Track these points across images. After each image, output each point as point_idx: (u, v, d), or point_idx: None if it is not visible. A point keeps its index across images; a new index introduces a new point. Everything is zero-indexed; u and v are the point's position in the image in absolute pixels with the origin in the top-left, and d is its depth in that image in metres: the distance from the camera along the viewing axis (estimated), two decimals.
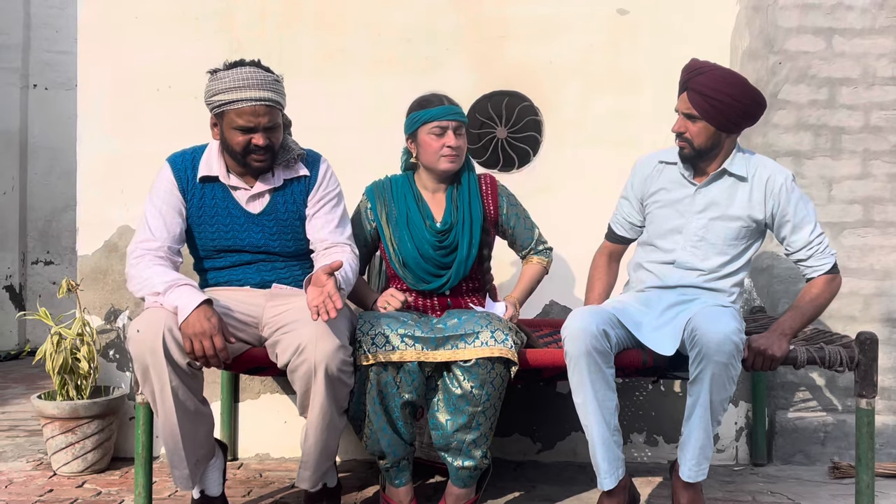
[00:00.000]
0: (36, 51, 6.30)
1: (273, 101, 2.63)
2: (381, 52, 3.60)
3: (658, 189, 2.89)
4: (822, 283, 2.75)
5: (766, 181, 2.77)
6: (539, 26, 3.61)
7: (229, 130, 2.64)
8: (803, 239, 2.75)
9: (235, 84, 2.59)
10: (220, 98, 2.61)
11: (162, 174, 2.75)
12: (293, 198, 2.78)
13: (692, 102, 2.70)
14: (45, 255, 6.38)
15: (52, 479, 3.26)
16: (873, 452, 2.68)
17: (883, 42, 3.51)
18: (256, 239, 2.75)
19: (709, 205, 2.80)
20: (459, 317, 2.69)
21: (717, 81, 2.68)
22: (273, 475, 3.35)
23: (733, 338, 2.49)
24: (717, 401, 2.56)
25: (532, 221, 3.04)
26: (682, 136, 2.76)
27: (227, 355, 2.47)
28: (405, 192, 2.95)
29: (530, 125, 3.65)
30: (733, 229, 2.78)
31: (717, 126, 2.71)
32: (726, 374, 2.52)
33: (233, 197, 2.75)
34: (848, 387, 3.50)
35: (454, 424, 2.63)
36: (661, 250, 2.87)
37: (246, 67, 2.64)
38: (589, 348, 2.52)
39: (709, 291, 2.79)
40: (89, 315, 3.50)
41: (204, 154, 2.77)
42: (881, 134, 3.51)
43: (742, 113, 2.71)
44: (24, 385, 5.05)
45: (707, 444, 2.59)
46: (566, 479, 3.31)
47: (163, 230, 2.68)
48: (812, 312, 2.74)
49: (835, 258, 2.78)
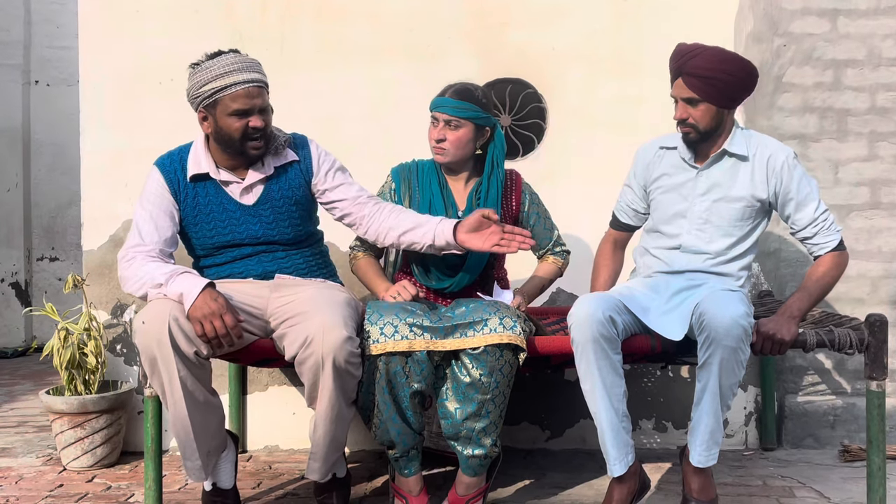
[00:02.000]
0: (37, 47, 6.29)
1: (263, 83, 2.67)
2: (383, 41, 3.58)
3: (660, 175, 2.88)
4: (828, 260, 2.73)
5: (767, 160, 2.75)
6: (541, 12, 3.59)
7: (224, 118, 2.62)
8: (808, 216, 2.73)
9: (225, 70, 2.60)
10: (213, 86, 2.60)
11: (151, 178, 2.74)
12: (287, 184, 2.77)
13: (690, 86, 2.68)
14: (50, 252, 6.38)
15: (62, 475, 3.26)
16: (884, 435, 2.66)
17: (888, 22, 3.48)
18: (255, 230, 2.74)
19: (711, 186, 2.78)
20: (467, 305, 2.69)
21: (712, 61, 2.66)
22: (282, 467, 3.35)
23: (742, 322, 2.47)
24: (727, 385, 2.54)
25: (552, 223, 3.04)
26: (686, 122, 2.74)
27: (239, 332, 2.48)
28: (431, 177, 2.94)
29: (534, 112, 3.64)
30: (737, 210, 2.76)
31: (719, 105, 2.69)
32: (735, 358, 2.50)
33: (225, 192, 2.74)
34: (857, 369, 3.49)
35: (463, 413, 2.63)
36: (667, 236, 2.86)
37: (231, 54, 2.66)
38: (595, 335, 2.51)
39: (716, 276, 2.78)
40: (96, 310, 3.50)
41: (190, 152, 2.76)
42: (887, 115, 3.49)
43: (740, 87, 2.71)
44: (33, 381, 5.06)
45: (717, 428, 2.58)
46: (576, 467, 3.31)
47: (153, 234, 2.68)
48: (819, 292, 2.72)
49: (840, 234, 2.75)
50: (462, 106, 2.80)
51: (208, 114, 2.66)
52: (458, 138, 2.82)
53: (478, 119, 2.83)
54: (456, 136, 2.82)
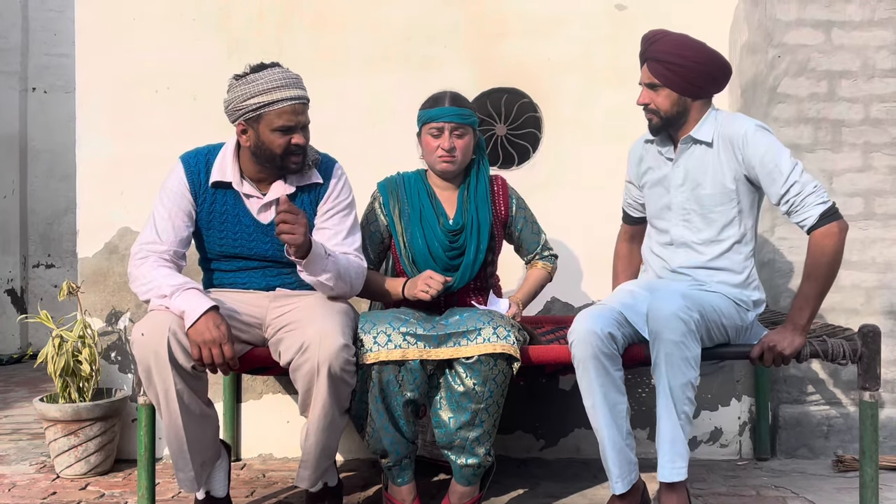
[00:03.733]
0: (35, 54, 6.31)
1: (307, 99, 2.64)
2: (379, 50, 3.59)
3: (647, 168, 2.89)
4: (813, 246, 2.54)
5: (728, 137, 2.67)
6: (537, 22, 3.60)
7: (268, 133, 2.58)
8: (777, 193, 2.59)
9: (272, 85, 2.55)
10: (259, 100, 2.55)
11: (174, 173, 2.71)
12: (303, 208, 2.70)
13: (652, 71, 2.69)
14: (46, 258, 6.38)
15: (55, 482, 3.26)
16: (877, 445, 2.67)
17: (882, 34, 3.50)
18: (264, 249, 2.72)
19: (685, 176, 2.76)
20: (461, 314, 2.69)
21: (674, 45, 2.67)
22: (276, 475, 3.35)
23: (681, 315, 2.42)
24: (677, 386, 2.46)
25: (539, 227, 3.04)
26: (648, 107, 2.74)
27: (235, 364, 2.47)
28: (418, 188, 2.94)
29: (530, 122, 3.65)
30: (714, 196, 2.70)
31: (680, 91, 2.69)
32: (679, 353, 2.43)
33: (244, 205, 2.71)
34: (851, 380, 3.49)
35: (457, 422, 2.63)
36: (659, 230, 2.86)
37: (275, 69, 2.60)
38: (596, 351, 2.50)
39: (718, 271, 2.72)
40: (90, 317, 3.50)
41: (218, 157, 2.71)
42: (881, 126, 3.50)
43: (703, 74, 2.68)
44: (27, 388, 5.05)
45: (677, 437, 2.49)
46: (570, 476, 3.31)
47: (170, 233, 2.65)
48: (817, 289, 2.56)
49: (824, 206, 2.52)
50: (464, 113, 2.84)
51: (249, 127, 2.60)
52: (466, 144, 2.86)
53: (475, 124, 2.89)
54: (463, 142, 2.85)
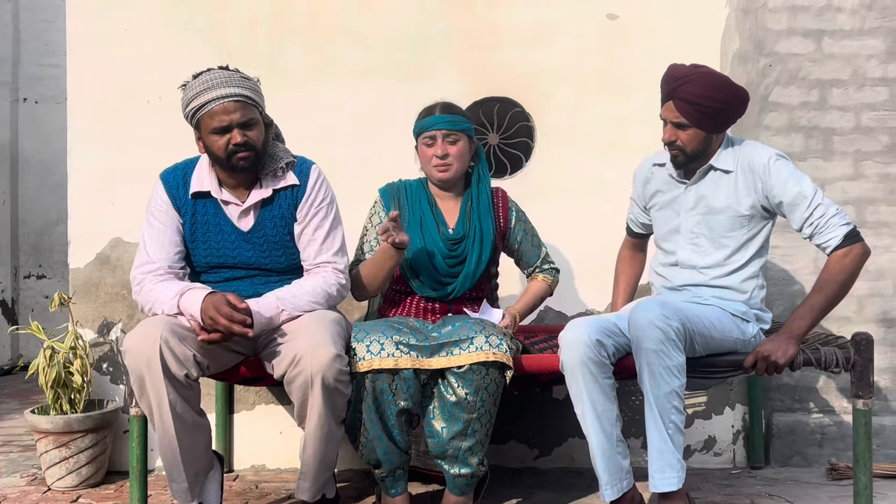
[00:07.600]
0: (26, 64, 6.28)
1: (242, 97, 2.58)
2: (371, 60, 3.59)
3: (655, 192, 2.92)
4: (833, 262, 2.60)
5: (748, 166, 2.72)
6: (529, 32, 3.60)
7: (208, 136, 2.60)
8: (800, 217, 2.64)
9: (202, 87, 2.57)
10: (192, 106, 2.59)
11: (156, 193, 2.73)
12: (280, 212, 2.72)
13: (680, 111, 2.68)
14: (37, 269, 6.34)
15: (46, 495, 3.23)
16: (871, 453, 2.67)
17: (872, 43, 3.52)
18: (247, 257, 2.72)
19: (698, 200, 2.79)
20: (453, 323, 2.68)
21: (705, 88, 2.66)
22: (269, 486, 3.33)
23: (657, 323, 2.44)
24: (661, 395, 2.47)
25: (540, 240, 3.06)
26: (674, 144, 2.75)
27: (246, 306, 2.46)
28: (420, 196, 2.96)
29: (522, 131, 3.65)
30: (725, 221, 2.75)
31: (708, 130, 2.71)
32: (660, 362, 2.45)
33: (224, 213, 2.72)
34: (844, 388, 3.50)
35: (450, 432, 2.62)
36: (666, 252, 2.89)
37: (214, 71, 2.62)
38: (584, 358, 2.51)
39: (720, 289, 2.75)
40: (82, 328, 3.48)
41: (196, 168, 2.73)
42: (872, 134, 3.52)
43: (732, 112, 2.72)
44: (18, 400, 5.01)
45: (664, 447, 2.50)
46: (564, 486, 3.30)
47: (160, 252, 2.67)
48: (824, 303, 2.61)
49: (847, 228, 2.59)
50: (455, 119, 2.86)
51: (199, 133, 2.64)
52: (459, 150, 2.87)
53: (469, 130, 2.90)
54: (456, 148, 2.86)
